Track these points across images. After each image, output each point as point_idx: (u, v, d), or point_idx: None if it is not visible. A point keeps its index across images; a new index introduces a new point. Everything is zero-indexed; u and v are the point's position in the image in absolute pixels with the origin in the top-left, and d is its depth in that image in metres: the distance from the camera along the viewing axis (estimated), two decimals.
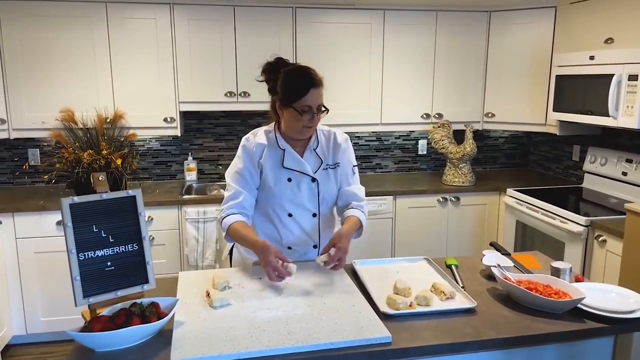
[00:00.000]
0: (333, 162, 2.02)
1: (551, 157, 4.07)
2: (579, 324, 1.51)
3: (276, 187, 1.94)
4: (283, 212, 1.97)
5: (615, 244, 2.56)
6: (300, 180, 1.96)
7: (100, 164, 3.14)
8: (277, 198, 1.95)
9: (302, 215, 1.99)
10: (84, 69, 3.25)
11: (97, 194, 1.50)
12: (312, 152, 2.00)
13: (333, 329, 1.43)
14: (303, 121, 1.85)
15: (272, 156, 1.95)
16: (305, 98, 1.82)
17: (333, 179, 2.03)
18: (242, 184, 1.95)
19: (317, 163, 1.99)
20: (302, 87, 1.83)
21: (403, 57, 3.64)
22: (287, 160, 1.95)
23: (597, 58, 2.92)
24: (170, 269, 3.28)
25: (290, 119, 1.87)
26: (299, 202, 1.97)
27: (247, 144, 1.98)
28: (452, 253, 3.65)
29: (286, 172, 1.95)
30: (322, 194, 2.00)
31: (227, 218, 1.91)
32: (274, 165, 1.95)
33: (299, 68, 1.89)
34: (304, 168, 1.96)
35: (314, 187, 1.98)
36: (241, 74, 3.43)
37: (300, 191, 1.96)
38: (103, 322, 1.35)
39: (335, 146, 2.03)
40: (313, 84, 1.83)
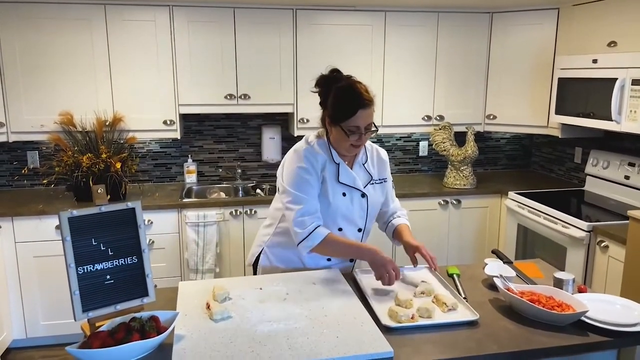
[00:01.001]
0: (379, 177, 2.05)
1: (553, 159, 4.05)
2: (582, 337, 1.49)
3: (334, 200, 1.92)
4: (334, 226, 1.95)
5: (618, 250, 2.55)
6: (353, 196, 1.96)
7: (99, 167, 3.12)
8: (332, 212, 1.93)
9: (349, 230, 1.99)
10: (83, 71, 3.23)
11: (96, 206, 1.48)
12: (361, 166, 2.00)
13: (334, 344, 1.41)
14: (350, 140, 1.85)
15: (330, 169, 1.92)
16: (354, 119, 1.81)
17: (380, 194, 2.05)
18: (312, 193, 1.88)
19: (366, 178, 2.00)
20: (351, 107, 1.81)
21: (404, 58, 3.62)
22: (342, 175, 1.93)
23: (600, 61, 2.90)
24: (170, 273, 3.27)
25: (338, 136, 1.87)
26: (350, 217, 1.97)
27: (309, 152, 1.90)
28: (453, 257, 3.64)
29: (341, 186, 1.93)
30: (371, 209, 2.01)
31: (319, 229, 1.84)
32: (331, 178, 1.92)
33: (350, 86, 1.85)
34: (356, 183, 1.96)
35: (364, 202, 1.98)
36: (241, 76, 3.41)
37: (353, 206, 1.96)
38: (102, 338, 1.34)
39: (379, 162, 2.07)
40: (362, 105, 1.81)
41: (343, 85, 1.86)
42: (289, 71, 3.46)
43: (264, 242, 2.08)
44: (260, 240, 2.12)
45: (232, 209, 3.29)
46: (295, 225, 1.86)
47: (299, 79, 3.48)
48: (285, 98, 3.51)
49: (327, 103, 1.88)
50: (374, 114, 1.87)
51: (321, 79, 1.91)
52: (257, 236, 2.17)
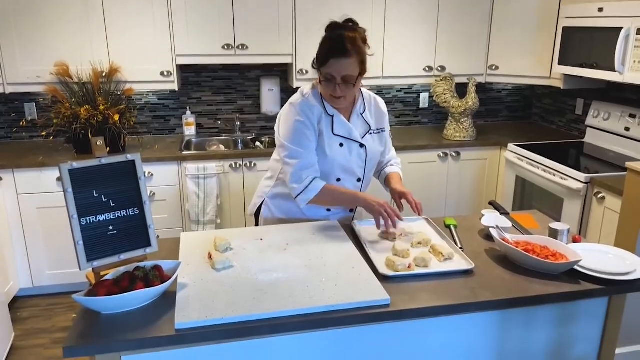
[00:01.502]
0: (377, 127, 2.04)
1: (554, 110, 4.02)
2: (574, 285, 1.54)
3: (330, 153, 1.92)
4: (332, 177, 1.96)
5: (614, 201, 2.58)
6: (350, 147, 1.95)
7: (97, 119, 3.10)
8: (329, 163, 1.93)
9: (348, 180, 2.00)
10: (77, 21, 3.15)
11: (95, 159, 1.49)
12: (359, 116, 1.98)
13: (333, 292, 1.46)
14: (327, 89, 1.83)
15: (325, 121, 1.91)
16: (327, 66, 1.78)
17: (378, 144, 2.04)
18: (308, 147, 1.89)
19: (364, 128, 1.99)
20: (325, 54, 1.78)
21: (406, 7, 3.52)
22: (337, 127, 1.92)
23: (606, 10, 2.83)
24: (172, 224, 3.31)
25: (322, 84, 1.85)
26: (349, 168, 1.97)
27: (304, 105, 1.89)
28: (451, 209, 3.68)
29: (337, 138, 1.93)
30: (369, 160, 2.01)
31: (315, 182, 1.87)
32: (327, 130, 1.92)
33: (334, 33, 1.80)
34: (352, 135, 1.95)
35: (363, 153, 1.98)
36: (238, 26, 3.33)
37: (351, 157, 1.96)
38: (108, 286, 1.38)
39: (377, 111, 2.05)
40: (334, 53, 1.77)
41: (331, 31, 1.82)
42: (287, 20, 3.38)
43: (265, 194, 2.11)
44: (262, 191, 2.14)
45: (231, 161, 3.30)
46: (291, 180, 1.88)
47: (298, 29, 3.40)
48: (284, 48, 3.44)
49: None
50: (353, 68, 1.79)
51: (329, 25, 1.86)
52: (259, 187, 2.19)
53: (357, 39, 1.82)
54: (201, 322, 1.32)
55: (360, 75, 1.84)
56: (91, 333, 1.30)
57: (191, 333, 1.30)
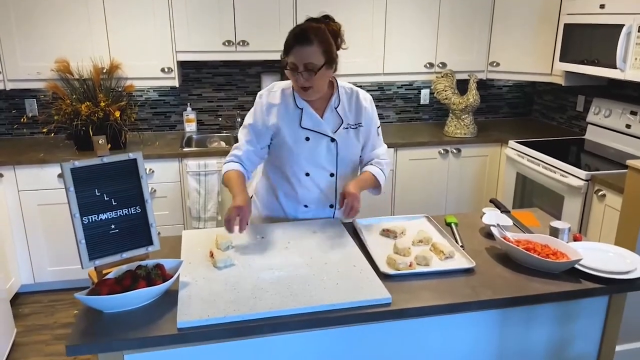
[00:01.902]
0: (355, 122, 1.98)
1: (555, 107, 4.02)
2: (574, 284, 1.54)
3: (295, 146, 1.92)
4: (300, 171, 1.96)
5: (615, 198, 2.58)
6: (319, 140, 1.94)
7: (98, 116, 3.10)
8: (295, 157, 1.94)
9: (319, 174, 1.98)
10: (78, 17, 3.14)
11: (97, 157, 1.49)
12: (333, 110, 1.96)
13: (334, 290, 1.46)
14: (291, 78, 1.84)
15: (289, 115, 1.92)
16: (290, 55, 1.79)
17: (354, 139, 1.99)
18: (247, 138, 1.96)
19: (337, 122, 1.96)
20: (289, 42, 1.79)
21: (407, 4, 3.51)
22: (305, 120, 1.92)
23: (607, 6, 2.82)
24: (173, 221, 3.32)
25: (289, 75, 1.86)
26: (317, 162, 1.96)
27: (260, 101, 1.95)
28: (452, 206, 3.68)
29: (304, 131, 1.92)
30: (342, 154, 1.98)
31: (226, 165, 1.97)
32: (292, 124, 1.92)
33: (300, 24, 1.84)
34: (321, 128, 1.93)
35: (333, 147, 1.96)
36: (239, 22, 3.33)
37: (319, 151, 1.95)
38: (110, 285, 1.38)
39: (357, 106, 1.99)
40: (298, 41, 1.77)
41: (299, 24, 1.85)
42: (288, 16, 3.37)
43: (253, 190, 2.16)
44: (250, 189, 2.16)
45: None
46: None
47: None
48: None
49: None
50: (316, 56, 1.77)
51: (306, 21, 1.88)
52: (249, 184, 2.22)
53: (323, 30, 1.81)
54: (203, 321, 1.32)
55: (326, 66, 1.81)
56: (93, 332, 1.30)
57: (193, 332, 1.30)
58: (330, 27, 1.86)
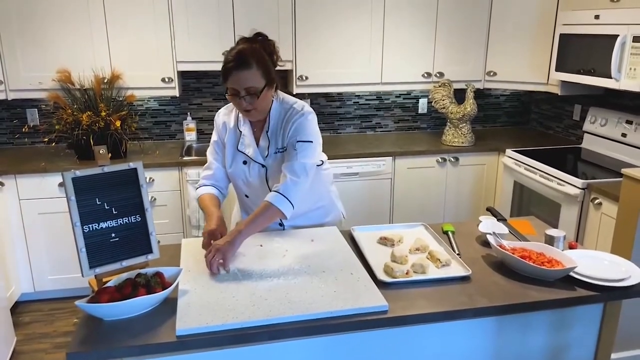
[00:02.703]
0: (282, 145, 1.89)
1: (552, 116, 4.05)
2: (569, 292, 1.56)
3: (231, 168, 1.97)
4: (241, 192, 2.04)
5: (611, 207, 2.60)
6: (252, 165, 1.95)
7: (99, 125, 3.13)
8: (233, 178, 2.01)
9: (258, 197, 1.95)
10: (79, 28, 3.18)
11: (98, 166, 1.51)
12: (265, 135, 1.92)
13: (332, 298, 1.48)
14: (234, 103, 1.83)
15: (232, 137, 1.97)
16: (230, 80, 1.75)
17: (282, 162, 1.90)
18: (214, 155, 2.02)
19: (267, 147, 1.92)
20: (227, 67, 1.74)
21: (404, 14, 3.55)
22: (242, 144, 1.95)
23: (602, 17, 2.86)
24: (172, 229, 3.34)
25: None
26: (253, 186, 1.99)
27: (216, 119, 2.02)
28: (449, 214, 3.70)
29: (241, 155, 1.96)
30: (272, 180, 1.92)
31: (199, 189, 1.99)
32: (233, 145, 1.96)
33: (234, 47, 1.78)
34: (252, 154, 1.92)
35: (263, 173, 1.94)
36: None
37: (251, 175, 1.96)
38: (110, 292, 1.40)
39: (285, 124, 1.87)
40: (233, 66, 1.71)
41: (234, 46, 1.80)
42: (287, 28, 3.41)
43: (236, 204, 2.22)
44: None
45: None
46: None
47: (298, 36, 3.43)
48: (284, 55, 3.40)
49: None
50: (257, 79, 1.74)
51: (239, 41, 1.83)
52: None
53: (258, 51, 1.76)
54: (202, 329, 1.34)
55: (267, 87, 1.77)
56: (94, 339, 1.32)
57: (192, 339, 1.32)
58: (265, 45, 1.82)
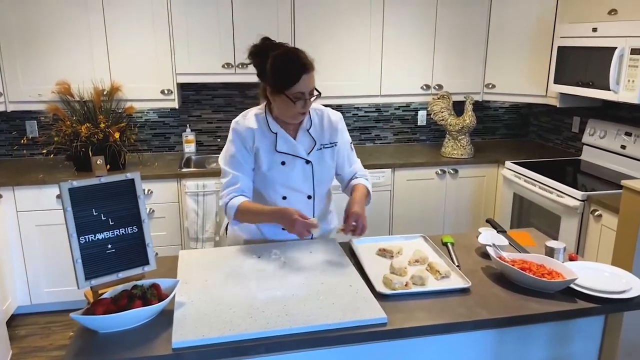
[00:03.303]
0: (329, 142, 2.00)
1: (551, 128, 4.06)
2: (570, 304, 1.54)
3: (269, 171, 1.94)
4: (277, 195, 1.97)
5: (611, 219, 2.59)
6: (294, 163, 1.95)
7: (98, 137, 3.13)
8: (270, 182, 1.95)
9: (296, 197, 1.98)
10: (79, 41, 3.20)
11: (95, 177, 1.50)
12: (305, 132, 1.97)
13: (330, 310, 1.46)
14: (296, 108, 1.83)
15: (265, 140, 1.93)
16: (298, 85, 1.78)
17: (329, 159, 2.01)
18: (238, 168, 1.93)
19: (310, 144, 1.97)
20: (294, 74, 1.77)
21: (403, 27, 3.58)
22: (280, 144, 1.93)
23: (599, 30, 2.87)
24: (170, 242, 3.32)
25: (282, 105, 1.84)
26: (293, 185, 1.96)
27: (237, 127, 1.95)
28: (449, 226, 3.69)
29: (280, 155, 1.93)
30: (317, 176, 1.99)
31: (232, 201, 1.89)
32: (267, 149, 1.93)
33: (288, 52, 1.82)
34: (296, 151, 1.94)
35: (308, 169, 1.97)
36: (239, 45, 3.38)
37: (294, 174, 1.95)
38: (105, 304, 1.39)
39: (329, 125, 2.01)
40: (305, 70, 1.78)
41: (281, 52, 1.82)
42: (286, 40, 3.43)
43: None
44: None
45: None
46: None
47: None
48: None
49: (266, 73, 1.83)
50: (314, 79, 1.83)
51: (253, 48, 1.86)
52: None
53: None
54: (198, 341, 1.32)
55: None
56: (88, 352, 1.30)
57: (188, 352, 1.30)
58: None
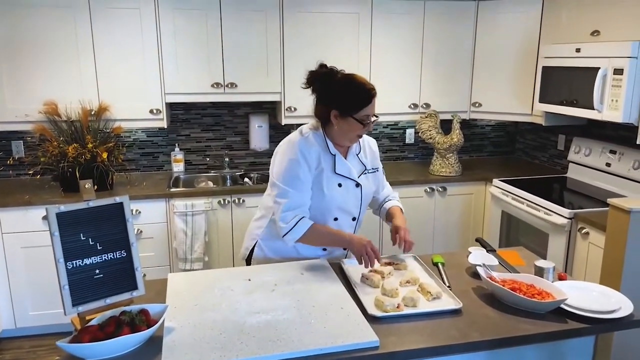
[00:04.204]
0: (372, 167, 2.11)
1: (537, 145, 4.11)
2: (560, 324, 1.55)
3: (329, 192, 1.95)
4: (330, 216, 1.99)
5: (598, 236, 2.61)
6: (347, 186, 2.00)
7: (85, 157, 3.11)
8: (327, 203, 1.96)
9: (345, 219, 2.03)
10: (67, 61, 3.19)
11: (84, 201, 1.49)
12: (355, 157, 2.05)
13: (322, 334, 1.45)
14: (361, 130, 1.91)
15: (329, 161, 1.96)
16: (367, 108, 1.87)
17: (372, 183, 2.10)
18: (300, 188, 1.90)
19: (360, 168, 2.05)
20: (365, 97, 1.87)
21: (391, 46, 3.62)
22: (339, 165, 1.97)
23: (583, 50, 2.93)
24: (159, 262, 3.28)
25: (347, 127, 1.90)
26: (346, 207, 2.01)
27: (303, 147, 1.91)
28: (439, 244, 3.70)
29: (337, 177, 1.97)
30: (364, 199, 2.07)
31: (302, 221, 1.88)
32: (329, 169, 1.96)
33: (356, 78, 1.91)
34: (351, 174, 2.00)
35: (358, 192, 2.03)
36: (228, 64, 3.40)
37: (348, 196, 2.00)
38: (92, 332, 1.36)
39: (371, 152, 2.13)
40: (373, 94, 1.89)
41: (349, 78, 1.91)
42: (276, 60, 3.45)
43: (258, 235, 2.10)
44: (254, 233, 2.12)
45: (220, 198, 3.31)
46: (280, 220, 1.89)
47: (286, 68, 3.47)
48: (273, 87, 3.50)
49: (331, 98, 1.89)
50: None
51: (313, 75, 1.92)
52: (250, 230, 2.17)
53: None
54: None
55: None
56: None
57: None
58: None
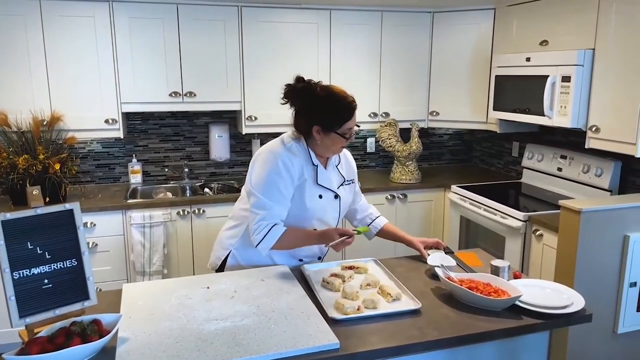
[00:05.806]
0: (349, 178, 2.11)
1: (493, 153, 4.23)
2: (516, 321, 1.58)
3: (310, 203, 1.94)
4: (309, 227, 1.99)
5: (551, 237, 2.70)
6: (327, 197, 1.99)
7: (37, 169, 2.99)
8: (307, 214, 1.95)
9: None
10: (18, 70, 3.08)
11: (31, 208, 1.43)
12: (334, 168, 2.05)
13: (282, 338, 1.43)
14: (344, 143, 1.91)
15: (311, 172, 1.95)
16: (350, 122, 1.89)
17: (349, 194, 2.12)
18: (279, 200, 1.87)
19: (339, 179, 2.06)
20: (347, 113, 1.89)
21: (350, 56, 3.67)
22: (320, 177, 1.96)
23: (532, 60, 3.05)
24: (116, 276, 3.18)
25: (329, 142, 1.90)
26: (324, 219, 2.01)
27: (285, 159, 1.88)
28: (401, 248, 3.71)
29: (318, 188, 1.96)
30: (342, 210, 2.08)
31: (275, 227, 1.85)
32: (312, 181, 1.95)
33: (336, 92, 1.92)
34: (332, 185, 2.00)
35: (336, 203, 2.03)
36: (186, 74, 3.36)
37: (327, 208, 2.00)
38: (41, 343, 1.30)
39: (348, 164, 2.14)
40: (354, 108, 1.91)
41: (329, 92, 1.91)
42: (235, 69, 3.44)
43: (232, 245, 2.06)
44: (227, 243, 2.08)
45: (179, 208, 3.24)
46: (253, 230, 1.87)
47: (246, 77, 3.46)
48: (232, 96, 3.48)
49: (312, 114, 1.89)
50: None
51: (291, 90, 1.92)
52: (220, 239, 2.12)
53: None
54: None
55: None
56: None
57: None
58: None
